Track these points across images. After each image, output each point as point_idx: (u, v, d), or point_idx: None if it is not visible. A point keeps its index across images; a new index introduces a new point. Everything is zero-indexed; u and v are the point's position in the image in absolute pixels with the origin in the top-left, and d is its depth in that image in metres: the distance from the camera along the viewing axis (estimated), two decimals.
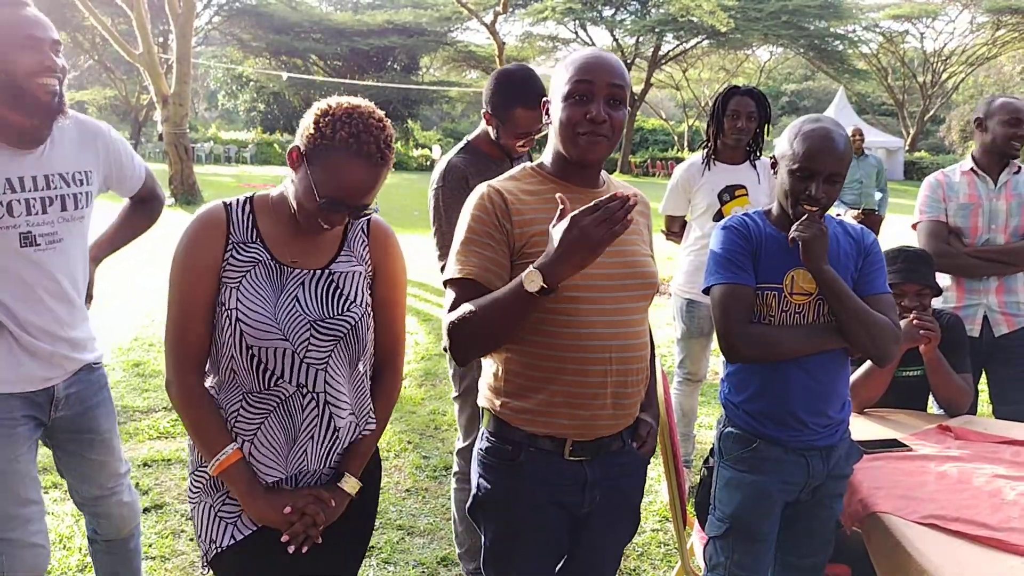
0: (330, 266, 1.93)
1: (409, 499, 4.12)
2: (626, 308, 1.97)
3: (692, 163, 4.18)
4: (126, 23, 22.79)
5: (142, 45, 17.27)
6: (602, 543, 2.16)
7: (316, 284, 1.90)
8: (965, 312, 3.62)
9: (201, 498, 1.95)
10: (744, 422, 2.37)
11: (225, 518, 1.93)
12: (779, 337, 2.26)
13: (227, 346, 1.85)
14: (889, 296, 2.33)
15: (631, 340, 1.97)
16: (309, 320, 1.86)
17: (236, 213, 1.88)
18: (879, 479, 2.51)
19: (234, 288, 1.83)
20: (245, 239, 1.87)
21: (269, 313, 1.84)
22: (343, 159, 1.76)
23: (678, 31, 35.42)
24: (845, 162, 2.22)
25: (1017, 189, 3.58)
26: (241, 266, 1.85)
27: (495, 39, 27.26)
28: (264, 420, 1.89)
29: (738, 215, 2.38)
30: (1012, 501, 2.35)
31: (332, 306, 1.90)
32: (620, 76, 1.94)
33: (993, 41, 39.90)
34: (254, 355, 1.84)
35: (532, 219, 1.92)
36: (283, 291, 1.87)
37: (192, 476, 1.98)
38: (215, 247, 1.84)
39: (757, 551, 2.37)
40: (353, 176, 1.77)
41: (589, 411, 1.95)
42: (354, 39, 41.75)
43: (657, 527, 3.90)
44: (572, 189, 1.98)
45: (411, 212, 17.90)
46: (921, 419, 3.10)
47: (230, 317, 1.82)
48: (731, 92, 4.02)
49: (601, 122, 1.90)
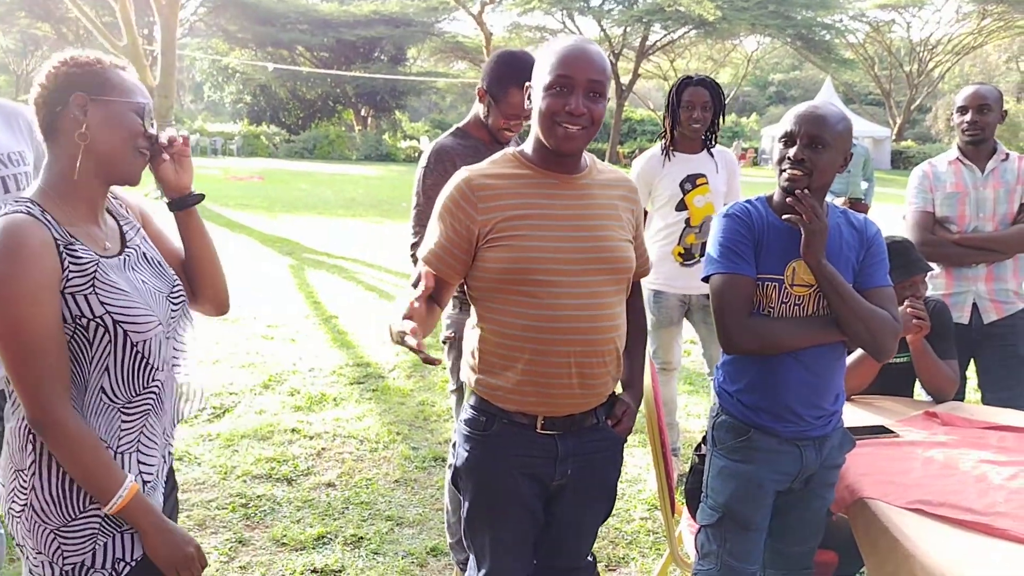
0: (127, 242, 1.84)
1: (398, 490, 4.12)
2: (595, 292, 2.02)
3: (652, 155, 4.16)
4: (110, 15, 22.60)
5: (126, 37, 17.15)
6: (576, 519, 2.23)
7: (139, 262, 1.83)
8: (954, 299, 3.64)
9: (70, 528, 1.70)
10: (738, 412, 2.36)
11: (128, 530, 1.75)
12: (777, 330, 2.26)
13: (100, 361, 1.69)
14: (890, 289, 2.32)
15: (599, 322, 2.03)
16: (164, 295, 1.83)
17: (42, 217, 1.64)
18: (866, 465, 2.52)
19: (87, 295, 1.65)
20: (68, 241, 1.66)
21: (142, 303, 1.73)
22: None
23: (665, 21, 35.36)
24: (828, 129, 2.17)
25: (1004, 177, 3.59)
26: (83, 270, 1.66)
27: (482, 29, 27.26)
28: (144, 423, 1.79)
29: (741, 203, 2.36)
30: (998, 486, 2.37)
31: (164, 277, 1.87)
32: (601, 70, 1.97)
33: (979, 30, 40.02)
34: (138, 352, 1.72)
35: (501, 205, 2.01)
36: (128, 280, 1.75)
37: (40, 515, 1.70)
38: (50, 259, 1.61)
39: (749, 540, 2.37)
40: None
41: (556, 389, 2.04)
42: (340, 30, 41.50)
43: (646, 515, 3.91)
44: (550, 176, 2.06)
45: (399, 204, 17.85)
46: (908, 405, 3.11)
47: (104, 324, 1.66)
48: (684, 83, 4.02)
49: (580, 115, 1.95)
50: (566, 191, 2.06)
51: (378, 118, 47.16)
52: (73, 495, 1.70)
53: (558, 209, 2.03)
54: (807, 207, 2.16)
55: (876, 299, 2.25)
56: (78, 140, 1.67)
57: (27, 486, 1.70)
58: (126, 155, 1.73)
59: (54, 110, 1.69)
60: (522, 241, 1.99)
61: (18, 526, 1.72)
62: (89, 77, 1.69)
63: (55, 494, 1.69)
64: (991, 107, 3.56)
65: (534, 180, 2.05)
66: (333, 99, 46.24)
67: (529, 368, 2.02)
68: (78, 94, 1.67)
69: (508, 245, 1.99)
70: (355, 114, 46.74)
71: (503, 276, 2.00)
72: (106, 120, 1.69)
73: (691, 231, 4.02)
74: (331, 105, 46.53)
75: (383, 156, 38.91)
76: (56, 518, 1.69)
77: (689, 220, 4.01)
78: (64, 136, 1.69)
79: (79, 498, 1.70)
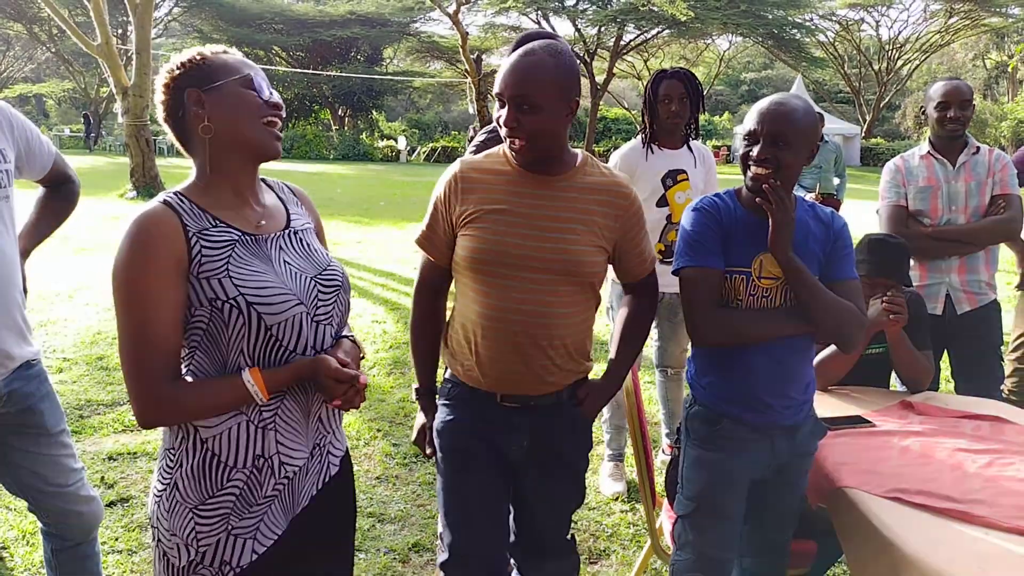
0: (291, 225, 1.86)
1: (379, 487, 4.11)
2: (545, 290, 2.14)
3: (632, 148, 4.03)
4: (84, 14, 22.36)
5: (100, 36, 16.93)
6: (545, 495, 2.34)
7: (291, 244, 1.82)
8: (928, 291, 3.69)
9: (206, 520, 1.71)
10: (710, 402, 2.39)
11: (242, 534, 1.73)
12: (745, 322, 2.28)
13: (235, 343, 1.67)
14: (856, 282, 2.33)
15: (545, 319, 2.14)
16: (310, 276, 1.80)
17: (178, 206, 1.67)
18: (843, 455, 2.55)
19: (222, 278, 1.65)
20: (205, 225, 1.68)
21: (279, 283, 1.71)
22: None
23: (639, 21, 35.42)
24: (791, 126, 2.16)
25: (976, 170, 3.64)
26: (218, 253, 1.66)
27: (458, 29, 27.16)
28: (281, 403, 1.76)
29: (709, 196, 2.38)
30: (974, 473, 2.40)
31: (316, 260, 1.85)
32: (528, 84, 2.04)
33: (946, 29, 40.39)
34: (272, 335, 1.70)
35: (478, 198, 2.15)
36: (271, 259, 1.75)
37: (178, 492, 1.72)
38: (175, 245, 1.62)
39: (724, 528, 2.40)
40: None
41: (505, 375, 2.19)
42: (316, 30, 41.25)
43: (627, 508, 3.94)
44: (528, 176, 2.16)
45: (377, 202, 17.80)
46: (884, 396, 3.15)
47: (238, 306, 1.65)
48: (660, 76, 3.92)
49: (511, 128, 2.05)
50: (540, 191, 2.15)
51: (355, 118, 46.96)
52: (212, 473, 1.71)
53: (525, 208, 2.14)
54: (776, 199, 2.18)
55: (842, 292, 2.26)
56: (203, 134, 1.70)
57: (174, 464, 1.73)
58: (254, 131, 1.73)
59: (178, 116, 1.72)
60: (486, 233, 2.12)
61: (158, 506, 1.74)
62: (195, 72, 1.71)
63: (197, 471, 1.70)
64: (969, 102, 3.61)
65: (513, 178, 2.16)
66: (310, 99, 46.01)
67: (482, 351, 2.18)
68: (190, 91, 1.69)
69: (473, 235, 2.14)
70: (332, 114, 46.51)
71: (466, 263, 2.16)
72: (222, 104, 1.70)
73: (672, 228, 3.92)
74: (308, 105, 46.28)
75: (360, 156, 38.72)
76: (195, 496, 1.71)
77: (671, 217, 3.92)
78: (194, 135, 1.72)
79: (217, 477, 1.71)
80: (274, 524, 1.78)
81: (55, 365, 5.87)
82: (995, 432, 2.74)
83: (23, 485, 2.52)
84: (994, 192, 3.62)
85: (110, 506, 3.79)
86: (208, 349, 1.69)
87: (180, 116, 1.71)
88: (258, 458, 1.73)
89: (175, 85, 1.71)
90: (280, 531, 1.79)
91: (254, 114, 1.73)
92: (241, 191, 1.78)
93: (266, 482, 1.75)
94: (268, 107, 1.75)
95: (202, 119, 1.69)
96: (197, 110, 1.69)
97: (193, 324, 1.67)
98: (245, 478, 1.73)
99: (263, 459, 1.74)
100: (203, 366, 1.71)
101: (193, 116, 1.70)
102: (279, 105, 1.78)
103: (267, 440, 1.74)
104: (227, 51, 1.78)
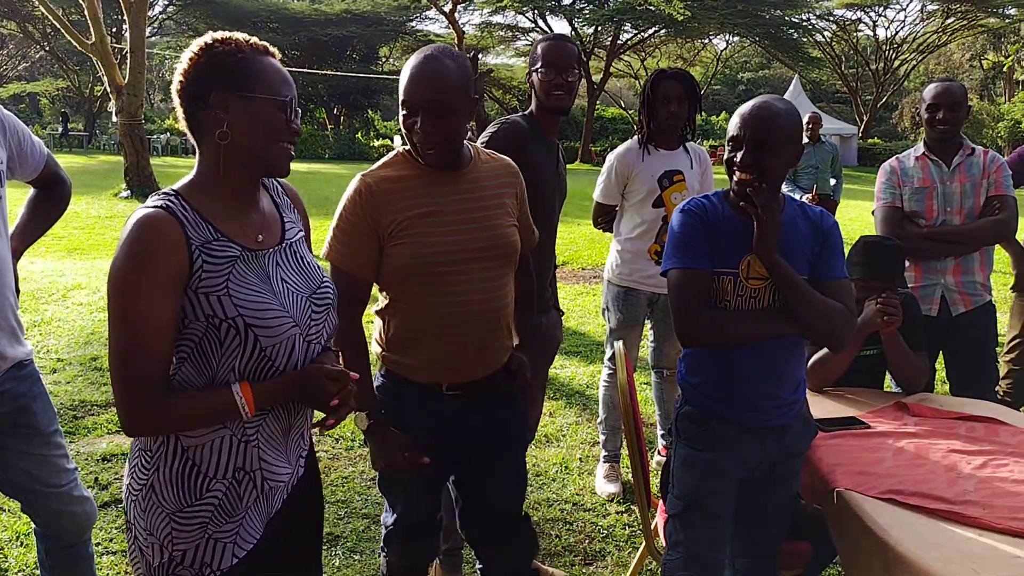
0: (286, 237, 1.82)
1: (374, 488, 4.10)
2: (490, 276, 2.26)
3: (628, 149, 4.02)
4: (78, 13, 22.26)
5: (94, 35, 16.89)
6: (492, 472, 2.46)
7: (287, 259, 1.79)
8: (923, 292, 3.69)
9: (180, 522, 1.69)
10: (700, 402, 2.39)
11: (223, 539, 1.72)
12: (733, 323, 2.27)
13: (227, 360, 1.65)
14: (846, 281, 2.32)
15: (494, 303, 2.29)
16: (305, 296, 1.77)
17: (181, 214, 1.61)
18: (838, 456, 2.55)
19: (221, 295, 1.61)
20: (207, 238, 1.63)
21: (276, 305, 1.68)
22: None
23: (636, 20, 35.53)
24: (774, 132, 2.16)
25: (970, 171, 3.65)
26: (219, 269, 1.62)
27: (454, 28, 27.21)
28: (264, 420, 1.75)
29: (697, 197, 2.38)
30: (968, 475, 2.40)
31: (310, 276, 1.82)
32: (440, 89, 2.09)
33: (943, 29, 40.48)
34: (265, 355, 1.67)
35: (401, 206, 2.18)
36: (269, 277, 1.72)
37: (153, 496, 1.69)
38: (176, 257, 1.57)
39: (715, 528, 2.40)
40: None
41: (459, 364, 2.29)
42: (312, 29, 41.24)
43: (622, 510, 3.93)
44: (440, 175, 2.23)
45: None
46: (878, 397, 3.15)
47: (235, 326, 1.62)
48: (659, 77, 3.91)
49: (428, 133, 2.12)
50: (457, 186, 2.25)
51: (351, 117, 46.97)
52: (191, 482, 1.68)
53: (451, 205, 2.22)
54: (762, 202, 2.17)
55: (831, 291, 2.26)
56: (219, 140, 1.64)
57: (150, 466, 1.69)
58: (268, 151, 1.69)
59: (195, 104, 1.65)
60: (422, 238, 2.18)
61: (134, 505, 1.71)
62: (231, 68, 1.64)
63: (175, 478, 1.68)
64: (961, 104, 3.61)
65: (425, 180, 2.23)
66: (305, 98, 45.91)
67: (434, 348, 2.26)
68: (218, 92, 1.63)
69: (409, 242, 2.18)
70: (327, 113, 46.52)
71: (407, 270, 2.20)
72: (247, 117, 1.64)
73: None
74: (303, 104, 46.23)
75: (356, 155, 38.72)
76: (172, 502, 1.68)
77: (667, 218, 3.90)
78: (207, 135, 1.66)
79: (196, 486, 1.68)
80: (252, 528, 1.77)
81: (48, 365, 5.86)
82: (989, 433, 2.74)
83: (16, 486, 2.51)
84: (989, 193, 3.63)
85: (104, 507, 3.79)
86: (197, 362, 1.66)
87: (198, 105, 1.64)
88: (239, 471, 1.72)
89: (206, 74, 1.63)
90: (259, 535, 1.78)
91: (274, 135, 1.68)
92: (242, 196, 1.74)
93: (247, 494, 1.74)
94: (291, 132, 1.71)
95: (221, 124, 1.63)
96: (219, 114, 1.63)
97: (185, 336, 1.64)
98: (225, 488, 1.71)
99: (244, 472, 1.73)
100: (190, 378, 1.67)
101: (212, 118, 1.64)
102: (299, 131, 1.74)
103: (249, 455, 1.73)
104: (269, 49, 1.72)
